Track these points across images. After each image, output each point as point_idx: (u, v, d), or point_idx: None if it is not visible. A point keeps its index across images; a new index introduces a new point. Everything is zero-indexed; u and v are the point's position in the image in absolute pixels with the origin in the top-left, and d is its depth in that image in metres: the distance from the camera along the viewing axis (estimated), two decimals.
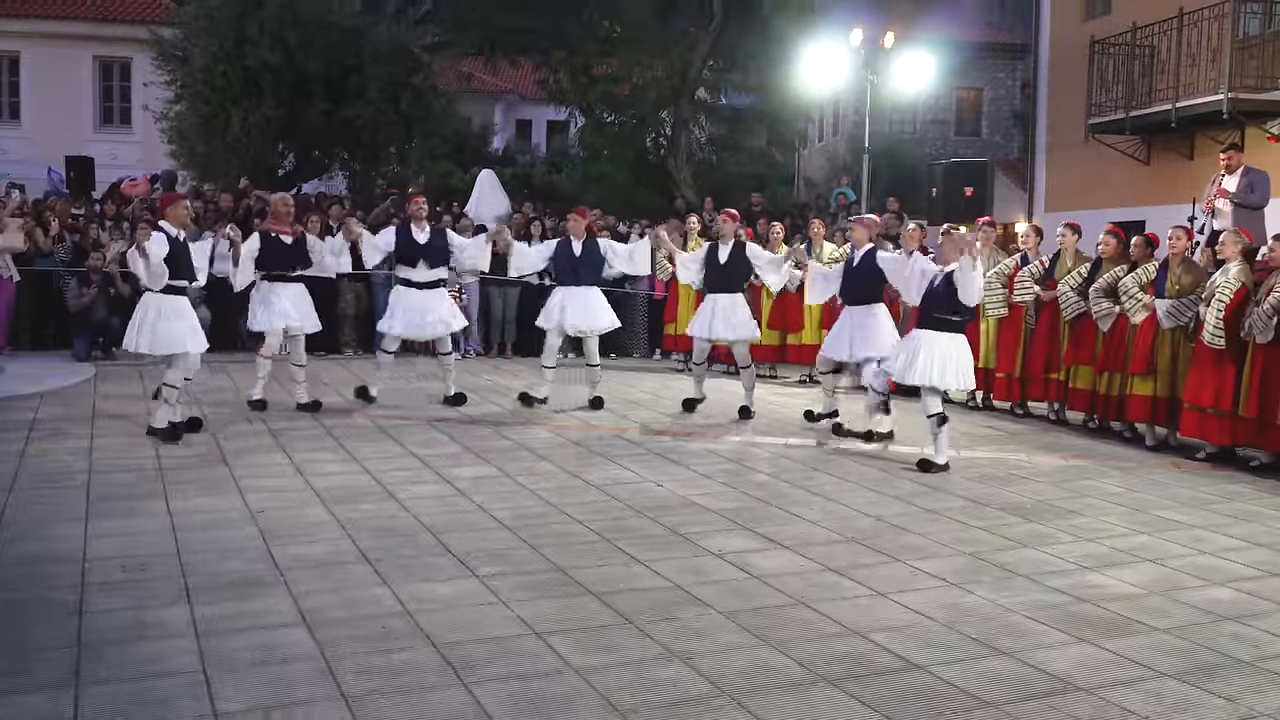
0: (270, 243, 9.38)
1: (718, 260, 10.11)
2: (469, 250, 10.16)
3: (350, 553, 5.56)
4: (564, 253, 10.18)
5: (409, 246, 9.90)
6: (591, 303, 10.18)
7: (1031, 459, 8.63)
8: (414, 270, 9.93)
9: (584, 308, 10.10)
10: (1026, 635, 4.69)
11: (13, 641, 4.29)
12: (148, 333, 8.07)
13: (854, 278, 9.27)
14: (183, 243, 8.32)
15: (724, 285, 10.10)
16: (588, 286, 10.18)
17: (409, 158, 21.17)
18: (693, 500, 6.88)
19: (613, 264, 10.51)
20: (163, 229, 8.20)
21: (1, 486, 6.70)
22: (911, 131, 29.00)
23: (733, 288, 10.12)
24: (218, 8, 19.44)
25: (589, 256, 10.18)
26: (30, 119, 27.79)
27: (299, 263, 9.56)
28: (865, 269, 9.16)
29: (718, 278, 10.12)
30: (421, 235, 9.97)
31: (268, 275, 9.42)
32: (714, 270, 10.14)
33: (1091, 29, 17.19)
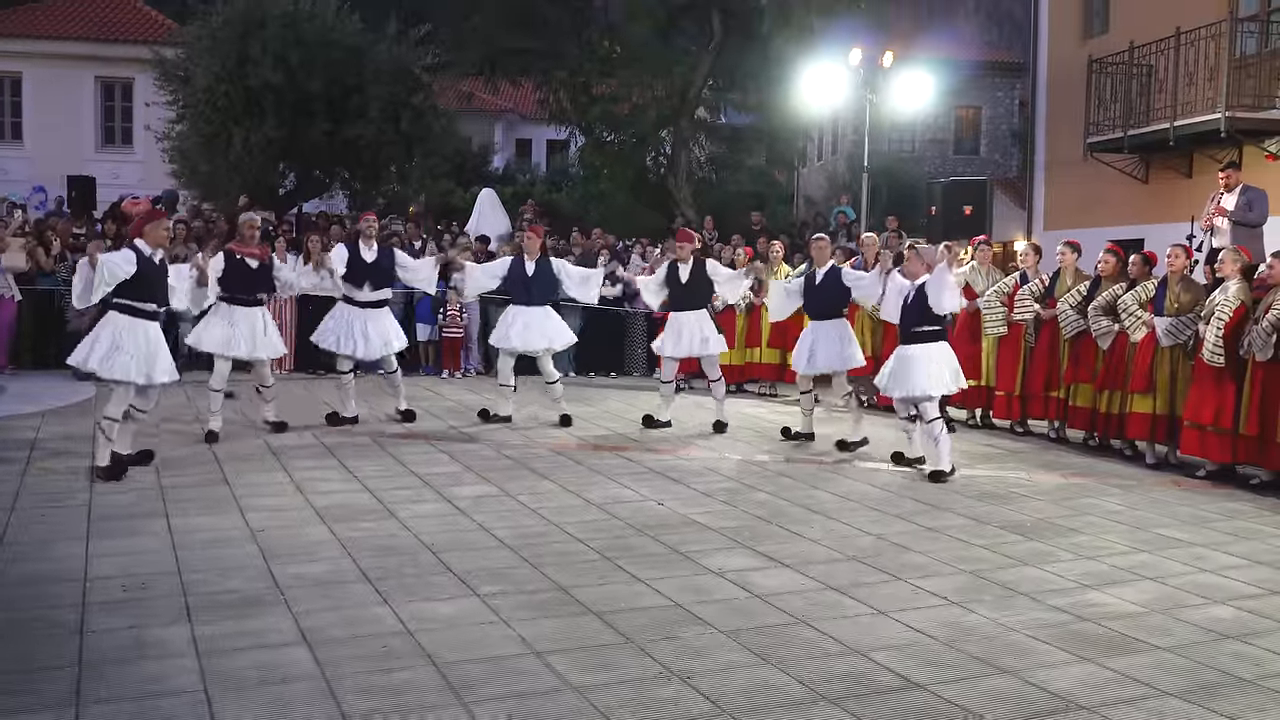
0: (234, 265, 8.99)
1: (679, 280, 10.25)
2: (420, 271, 10.09)
3: (351, 571, 5.56)
4: (517, 272, 10.22)
5: (356, 265, 9.72)
6: (544, 322, 10.22)
7: (1032, 477, 8.64)
8: (359, 290, 9.76)
9: (536, 327, 10.14)
10: (1028, 654, 4.69)
11: (15, 660, 4.29)
12: (100, 351, 7.46)
13: (818, 294, 9.66)
14: (159, 264, 7.79)
15: (688, 304, 10.25)
16: (540, 306, 10.22)
17: (410, 177, 21.21)
18: (693, 519, 6.88)
19: (565, 287, 10.45)
20: (136, 247, 7.64)
21: (3, 506, 6.70)
22: (910, 150, 29.09)
23: (696, 305, 10.27)
24: (220, 28, 19.52)
25: (542, 276, 10.20)
26: (32, 139, 27.88)
27: (263, 288, 9.25)
28: (829, 285, 9.54)
29: (681, 297, 10.26)
30: (369, 254, 9.79)
31: (229, 298, 9.02)
32: (676, 290, 10.28)
33: (1090, 48, 17.27)
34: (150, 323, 7.67)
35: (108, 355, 7.44)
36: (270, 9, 19.60)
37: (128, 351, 7.45)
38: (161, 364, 7.65)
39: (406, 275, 10.10)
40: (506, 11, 20.68)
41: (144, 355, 7.52)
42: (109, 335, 7.50)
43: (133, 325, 7.54)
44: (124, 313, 7.55)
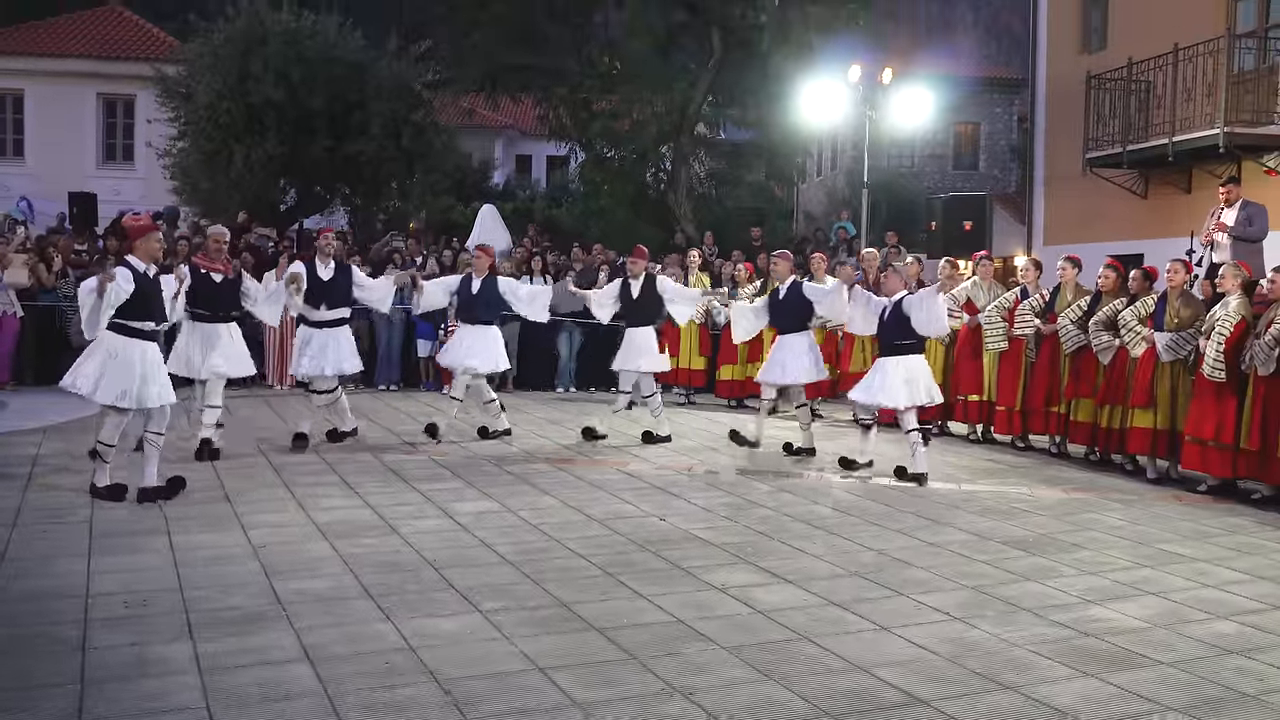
0: (198, 280, 8.49)
1: (631, 295, 10.34)
2: (377, 290, 9.86)
3: (353, 588, 5.55)
4: (464, 290, 10.17)
5: (312, 284, 9.34)
6: (483, 342, 10.06)
7: (1033, 492, 8.63)
8: (314, 309, 9.40)
9: (477, 347, 10.01)
10: (1030, 669, 4.68)
11: (15, 677, 4.28)
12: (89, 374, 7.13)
13: (781, 308, 9.95)
14: (153, 279, 7.44)
15: (639, 319, 10.34)
16: (484, 325, 10.11)
17: (410, 193, 21.28)
18: (695, 534, 6.87)
19: (512, 306, 10.29)
20: (129, 264, 7.28)
21: (5, 522, 6.70)
22: (910, 166, 29.17)
23: (646, 321, 10.37)
24: (221, 45, 19.61)
25: (486, 294, 10.08)
26: (34, 155, 27.95)
27: (227, 305, 8.86)
28: (792, 299, 9.85)
29: (632, 312, 10.34)
30: (325, 272, 9.39)
31: (190, 314, 8.68)
32: (628, 305, 10.36)
33: (1088, 64, 17.33)
34: (147, 343, 7.30)
35: (96, 379, 7.12)
36: (272, 26, 19.71)
37: (117, 375, 7.12)
38: (154, 387, 7.25)
39: (363, 294, 9.78)
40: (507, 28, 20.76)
41: (137, 377, 7.15)
42: (100, 358, 7.17)
43: (128, 346, 7.19)
44: (119, 333, 7.19)
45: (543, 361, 14.79)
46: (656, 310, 10.51)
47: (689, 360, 13.74)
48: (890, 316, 8.97)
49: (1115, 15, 17.79)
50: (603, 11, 22.07)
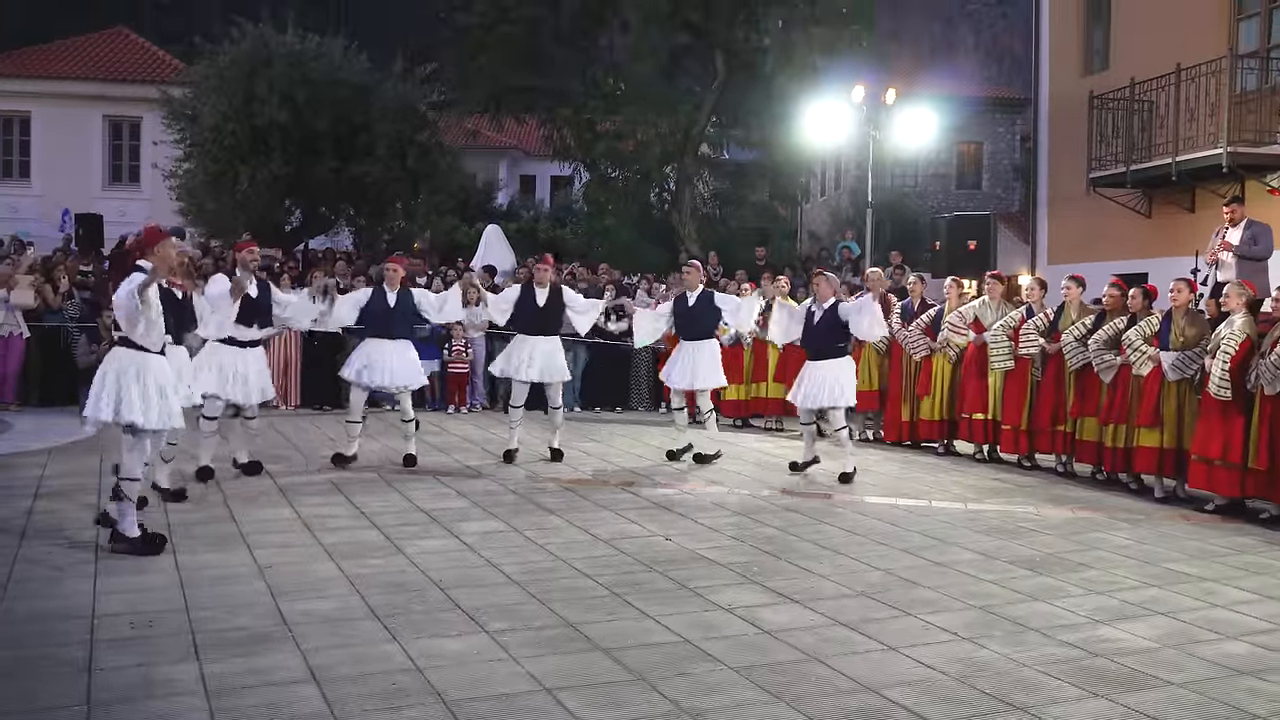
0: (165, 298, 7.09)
1: (535, 304, 10.10)
2: (293, 307, 9.28)
3: (359, 608, 5.54)
4: (378, 305, 9.55)
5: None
6: (399, 358, 9.55)
7: (1040, 511, 8.61)
8: (247, 328, 8.84)
9: (389, 363, 9.47)
10: (1040, 690, 4.66)
11: (22, 699, 4.27)
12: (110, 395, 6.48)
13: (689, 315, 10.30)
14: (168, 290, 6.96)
15: (541, 328, 10.15)
16: (398, 340, 9.60)
17: (415, 214, 21.36)
18: (701, 554, 6.85)
19: (425, 315, 9.86)
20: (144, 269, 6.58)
21: (10, 543, 6.69)
22: (913, 185, 29.25)
23: (548, 330, 10.19)
24: (227, 67, 19.73)
25: (402, 308, 9.60)
26: (40, 177, 28.09)
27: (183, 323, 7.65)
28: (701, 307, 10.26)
29: (533, 320, 10.12)
30: (251, 290, 8.75)
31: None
32: (530, 313, 10.12)
33: (1090, 84, 17.38)
34: (159, 358, 6.72)
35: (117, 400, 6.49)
36: (277, 48, 19.83)
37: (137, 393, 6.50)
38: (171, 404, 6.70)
39: (284, 312, 9.15)
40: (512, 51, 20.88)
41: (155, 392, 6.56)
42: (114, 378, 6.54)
43: (144, 362, 6.58)
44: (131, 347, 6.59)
45: None
46: (560, 321, 10.30)
47: None
48: (821, 322, 9.62)
49: (1117, 36, 17.86)
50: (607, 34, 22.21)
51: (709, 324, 10.40)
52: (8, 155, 28.69)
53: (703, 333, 10.36)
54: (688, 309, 10.36)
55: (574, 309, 10.33)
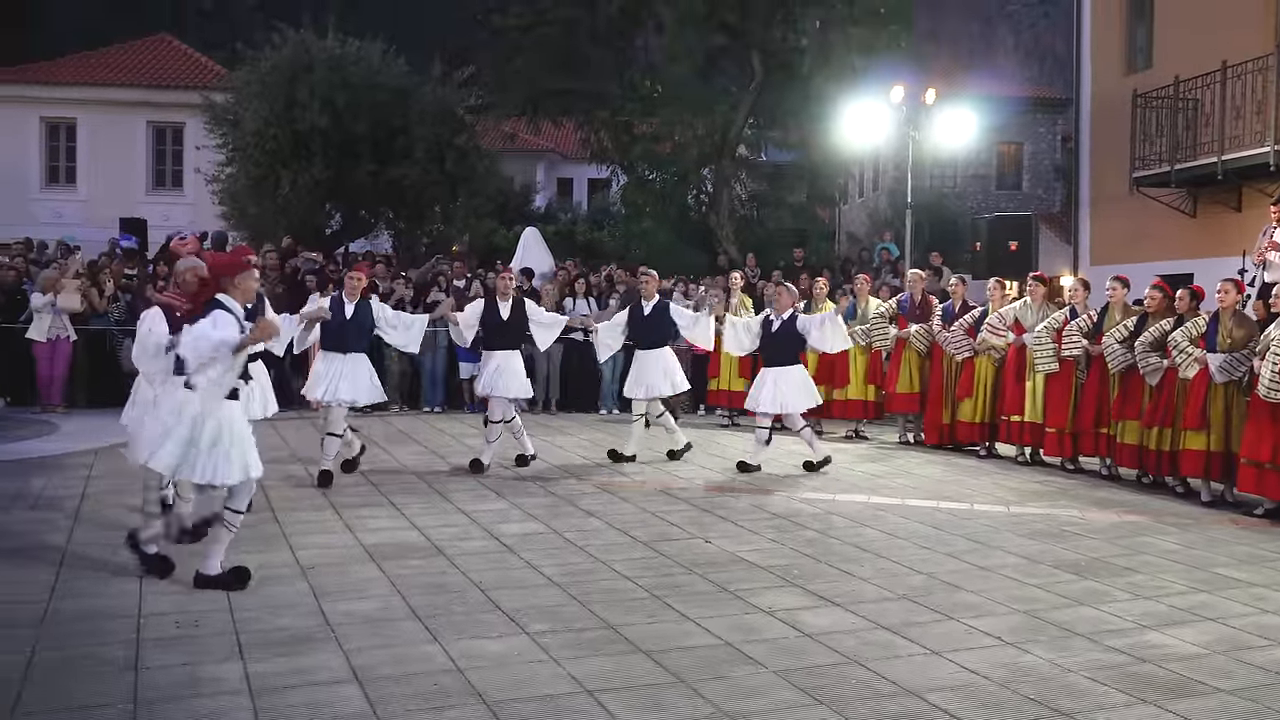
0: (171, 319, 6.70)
1: (500, 318, 9.88)
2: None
3: (400, 609, 5.57)
4: (335, 317, 9.05)
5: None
6: (355, 371, 9.15)
7: (1084, 515, 8.50)
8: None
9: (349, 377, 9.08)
10: (1086, 696, 4.59)
11: (71, 696, 4.33)
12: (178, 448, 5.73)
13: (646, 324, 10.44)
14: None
15: (504, 343, 9.87)
16: (354, 354, 9.17)
17: (453, 217, 21.46)
18: (741, 556, 6.83)
19: (380, 331, 9.43)
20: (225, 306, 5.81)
21: (57, 544, 6.79)
22: (953, 186, 29.03)
23: (511, 345, 9.94)
24: (269, 73, 19.93)
25: (359, 319, 9.19)
26: (86, 183, 28.50)
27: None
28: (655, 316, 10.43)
29: (499, 335, 9.87)
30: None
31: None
32: (496, 328, 9.88)
33: (1133, 83, 17.17)
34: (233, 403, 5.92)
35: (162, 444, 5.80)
36: (317, 54, 20.01)
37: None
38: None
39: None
40: (549, 53, 20.94)
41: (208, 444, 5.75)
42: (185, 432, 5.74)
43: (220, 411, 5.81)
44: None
45: (586, 383, 14.81)
46: (522, 334, 10.08)
47: (729, 382, 13.69)
48: (780, 332, 9.97)
49: (1160, 34, 17.63)
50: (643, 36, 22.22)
51: (665, 333, 10.53)
52: (54, 161, 29.12)
53: (660, 340, 10.48)
54: (643, 318, 10.45)
55: (537, 322, 10.12)
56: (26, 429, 11.69)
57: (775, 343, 10.05)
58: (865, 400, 12.57)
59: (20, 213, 26.58)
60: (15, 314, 13.49)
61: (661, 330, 10.50)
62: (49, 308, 13.11)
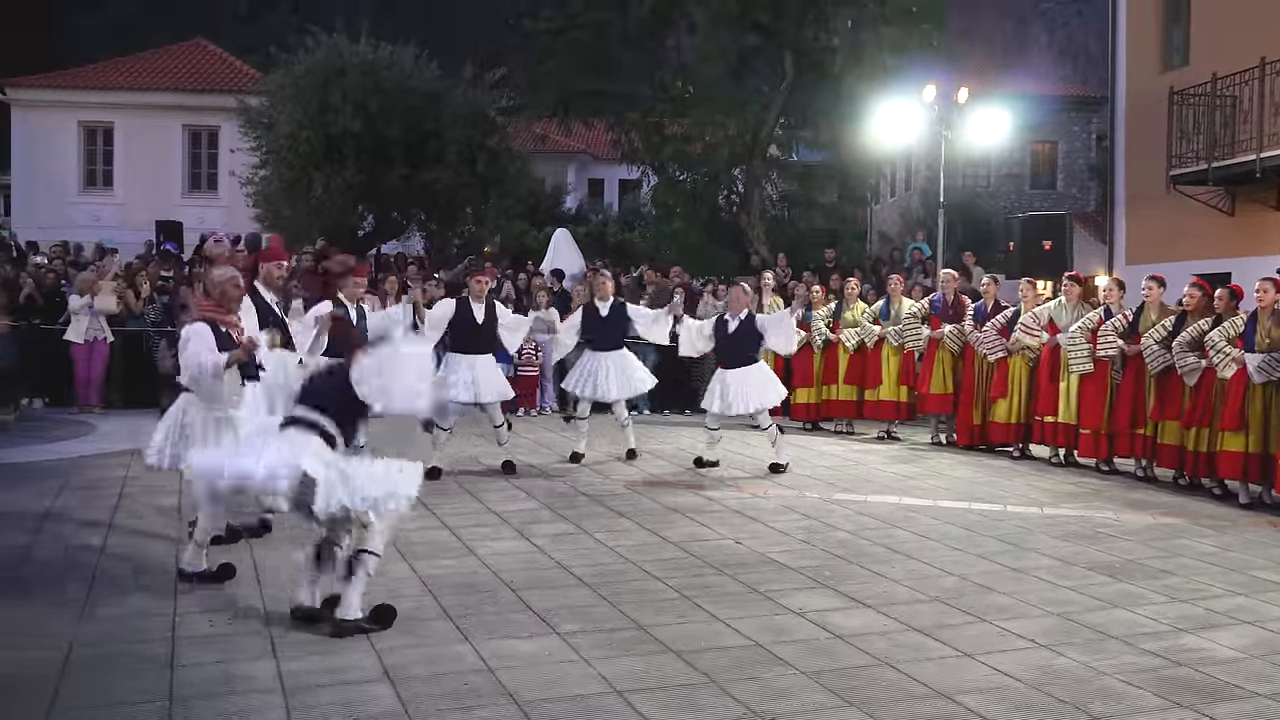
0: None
1: (474, 321, 9.59)
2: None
3: (431, 609, 5.59)
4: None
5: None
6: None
7: (1119, 517, 8.41)
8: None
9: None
10: (1121, 699, 4.55)
11: (108, 693, 4.38)
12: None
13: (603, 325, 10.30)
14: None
15: (478, 346, 9.64)
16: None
17: (485, 218, 21.55)
18: (772, 557, 6.81)
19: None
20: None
21: (95, 541, 6.88)
22: (986, 186, 28.84)
23: (484, 349, 9.70)
24: (302, 76, 20.10)
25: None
26: (123, 186, 28.86)
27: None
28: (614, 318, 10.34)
29: (471, 339, 9.60)
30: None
31: None
32: (469, 331, 9.60)
33: (1170, 80, 16.98)
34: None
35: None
36: (350, 58, 20.16)
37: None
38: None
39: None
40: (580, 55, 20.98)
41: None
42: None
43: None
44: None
45: None
46: (494, 337, 9.84)
47: None
48: (738, 332, 9.91)
49: (1197, 31, 17.42)
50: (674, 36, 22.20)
51: (621, 333, 10.43)
52: (92, 165, 29.52)
53: (614, 343, 10.39)
54: (600, 319, 10.35)
55: (504, 325, 9.88)
56: (64, 429, 11.85)
57: (733, 344, 9.95)
58: (898, 401, 12.50)
59: (59, 216, 26.99)
60: (55, 316, 13.68)
61: (618, 332, 10.41)
62: (86, 309, 13.28)
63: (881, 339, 12.46)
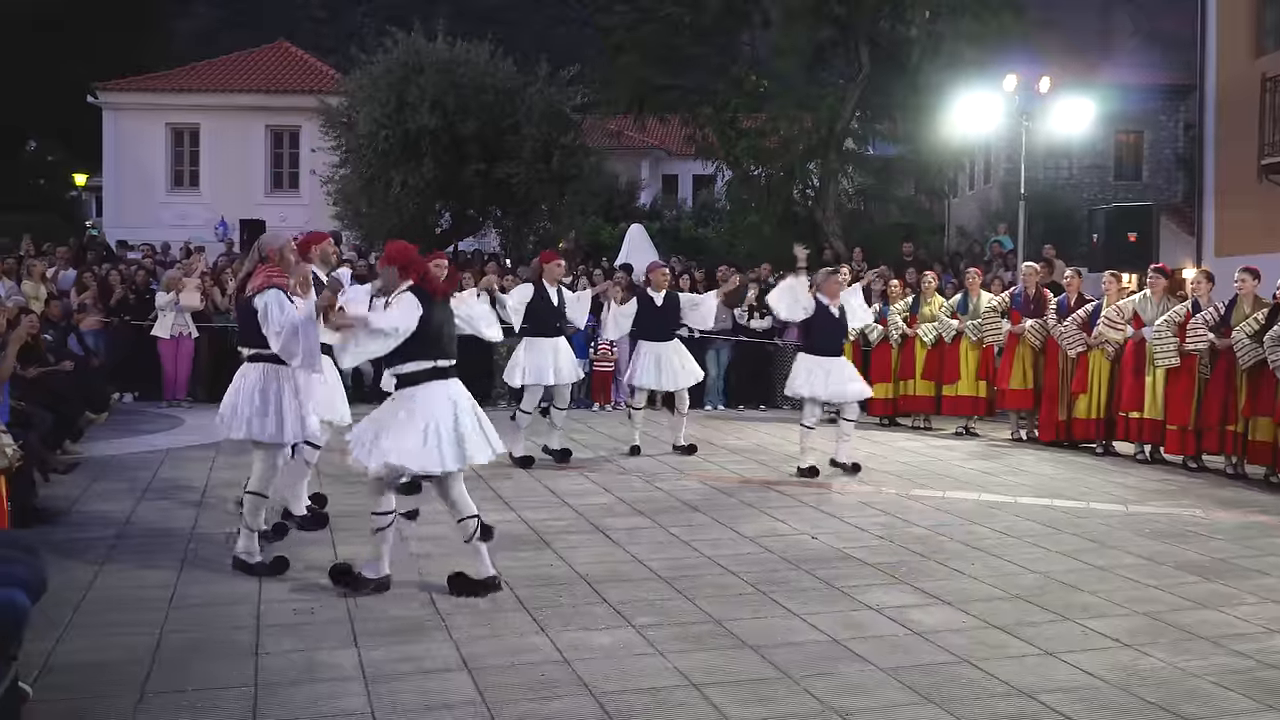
0: None
1: (550, 304, 9.83)
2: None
3: (508, 600, 5.64)
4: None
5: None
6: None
7: (1209, 515, 8.19)
8: None
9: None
10: (1210, 701, 4.43)
11: (197, 679, 4.50)
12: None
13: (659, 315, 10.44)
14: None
15: (553, 330, 9.87)
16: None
17: (560, 215, 21.65)
18: (848, 553, 6.75)
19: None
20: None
21: (184, 531, 7.07)
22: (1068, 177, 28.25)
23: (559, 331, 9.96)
24: (381, 75, 20.38)
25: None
26: (208, 186, 29.55)
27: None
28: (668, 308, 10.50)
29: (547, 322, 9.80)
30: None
31: None
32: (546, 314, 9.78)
33: (1263, 65, 16.47)
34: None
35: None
36: (427, 56, 20.39)
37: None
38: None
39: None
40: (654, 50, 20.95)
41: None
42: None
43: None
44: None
45: None
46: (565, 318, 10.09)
47: None
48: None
49: None
50: (749, 31, 22.07)
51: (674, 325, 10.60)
52: (179, 166, 30.26)
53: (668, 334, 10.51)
54: (655, 309, 10.41)
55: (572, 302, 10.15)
56: (153, 423, 12.19)
57: (835, 329, 9.71)
58: (975, 396, 12.31)
59: (148, 216, 27.76)
60: (145, 313, 14.07)
61: (675, 321, 10.58)
62: (172, 306, 13.63)
63: (959, 333, 12.28)
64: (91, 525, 7.22)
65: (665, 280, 10.63)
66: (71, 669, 4.61)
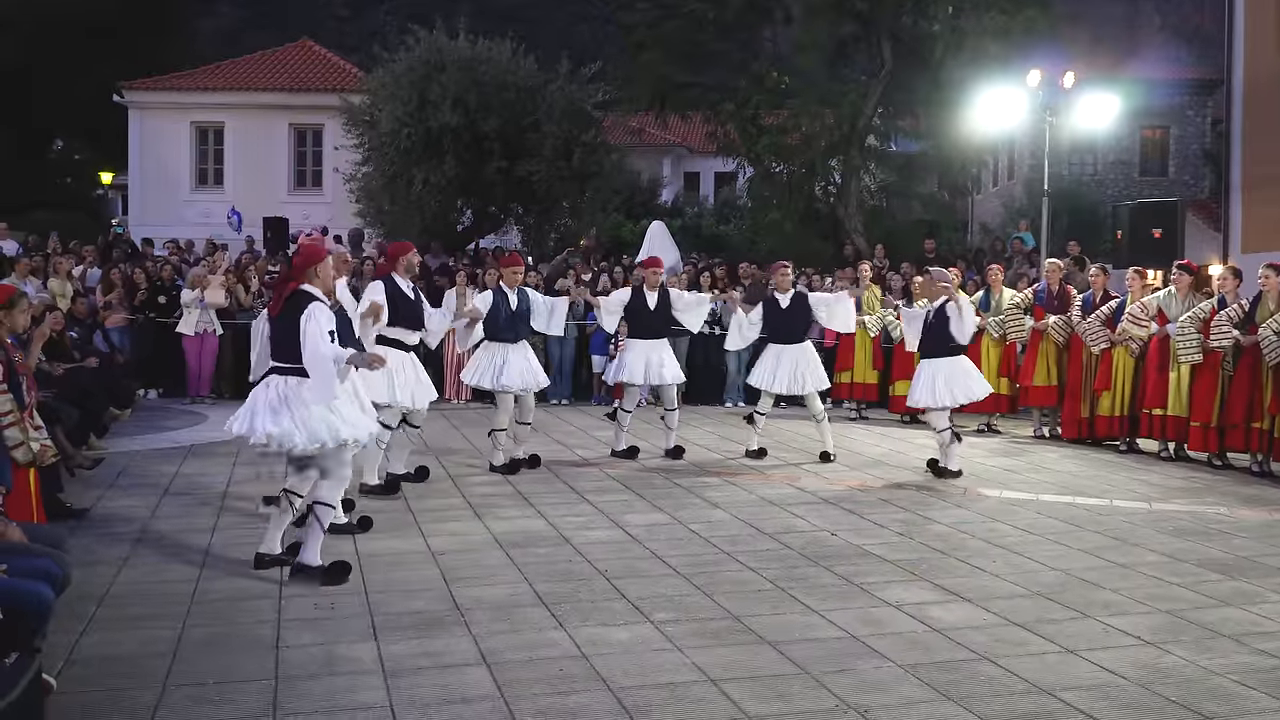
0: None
1: (648, 307, 10.03)
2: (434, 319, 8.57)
3: (527, 595, 5.66)
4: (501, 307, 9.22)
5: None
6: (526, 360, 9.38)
7: (1233, 512, 8.12)
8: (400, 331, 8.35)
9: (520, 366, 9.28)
10: (1233, 700, 4.40)
11: (218, 672, 4.53)
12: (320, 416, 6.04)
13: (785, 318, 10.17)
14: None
15: (652, 332, 10.09)
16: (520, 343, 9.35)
17: (581, 212, 21.69)
18: (868, 550, 6.74)
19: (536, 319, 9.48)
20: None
21: (205, 526, 7.12)
22: (1092, 174, 28.07)
23: (658, 333, 10.13)
24: (403, 74, 20.47)
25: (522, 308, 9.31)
26: (232, 183, 29.75)
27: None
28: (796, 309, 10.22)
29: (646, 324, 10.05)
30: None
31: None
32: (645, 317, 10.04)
33: None
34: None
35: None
36: (449, 54, 20.47)
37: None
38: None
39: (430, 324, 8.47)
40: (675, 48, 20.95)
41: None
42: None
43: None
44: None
45: (712, 376, 14.82)
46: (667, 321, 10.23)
47: (862, 374, 13.54)
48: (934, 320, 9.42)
49: None
50: (771, 27, 22.03)
51: (803, 327, 10.28)
52: (204, 164, 30.50)
53: (798, 336, 10.19)
54: (781, 312, 10.16)
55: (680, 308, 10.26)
56: (177, 419, 12.29)
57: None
58: (997, 394, 12.21)
59: (172, 214, 27.98)
60: (170, 310, 14.17)
61: (804, 323, 10.26)
62: (196, 303, 13.73)
63: (981, 330, 12.18)
64: (115, 520, 7.29)
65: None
66: (94, 661, 4.66)
